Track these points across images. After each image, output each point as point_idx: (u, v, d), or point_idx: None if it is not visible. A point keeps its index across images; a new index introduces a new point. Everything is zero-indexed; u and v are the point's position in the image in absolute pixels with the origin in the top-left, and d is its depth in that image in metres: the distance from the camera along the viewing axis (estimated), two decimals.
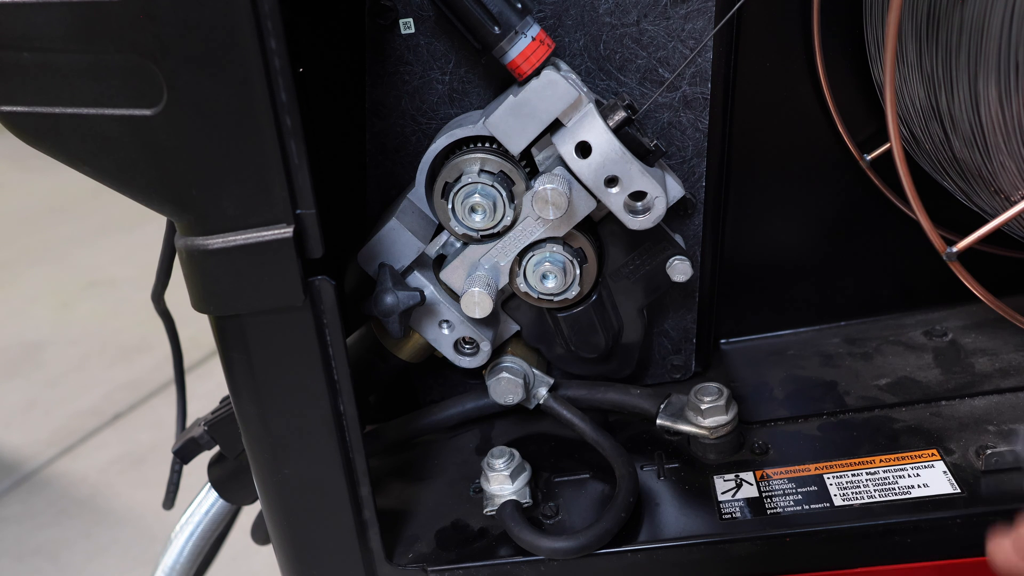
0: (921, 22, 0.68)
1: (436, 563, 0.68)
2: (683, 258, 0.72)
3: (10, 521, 2.24)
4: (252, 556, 1.36)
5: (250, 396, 0.62)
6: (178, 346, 1.01)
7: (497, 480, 0.70)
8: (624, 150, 0.64)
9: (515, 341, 0.78)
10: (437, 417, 0.79)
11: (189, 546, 0.86)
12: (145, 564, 1.76)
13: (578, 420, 0.74)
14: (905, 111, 0.74)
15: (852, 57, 0.78)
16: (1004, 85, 0.61)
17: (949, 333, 0.84)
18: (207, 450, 0.81)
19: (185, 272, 0.59)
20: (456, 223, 0.69)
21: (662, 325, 0.80)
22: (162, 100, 0.52)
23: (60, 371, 2.82)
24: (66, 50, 0.53)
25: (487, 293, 0.68)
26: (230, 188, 0.55)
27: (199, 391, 1.22)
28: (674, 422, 0.74)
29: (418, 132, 0.73)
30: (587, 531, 0.65)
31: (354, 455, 0.64)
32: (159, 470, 1.28)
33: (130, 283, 3.16)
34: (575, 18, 0.69)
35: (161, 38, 0.51)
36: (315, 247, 0.57)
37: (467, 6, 0.62)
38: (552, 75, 0.63)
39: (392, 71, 0.71)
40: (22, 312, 3.19)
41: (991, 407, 0.74)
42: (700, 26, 0.69)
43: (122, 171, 0.56)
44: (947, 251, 0.66)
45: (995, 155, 0.65)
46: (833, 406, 0.78)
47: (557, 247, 0.70)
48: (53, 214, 3.84)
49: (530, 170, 0.68)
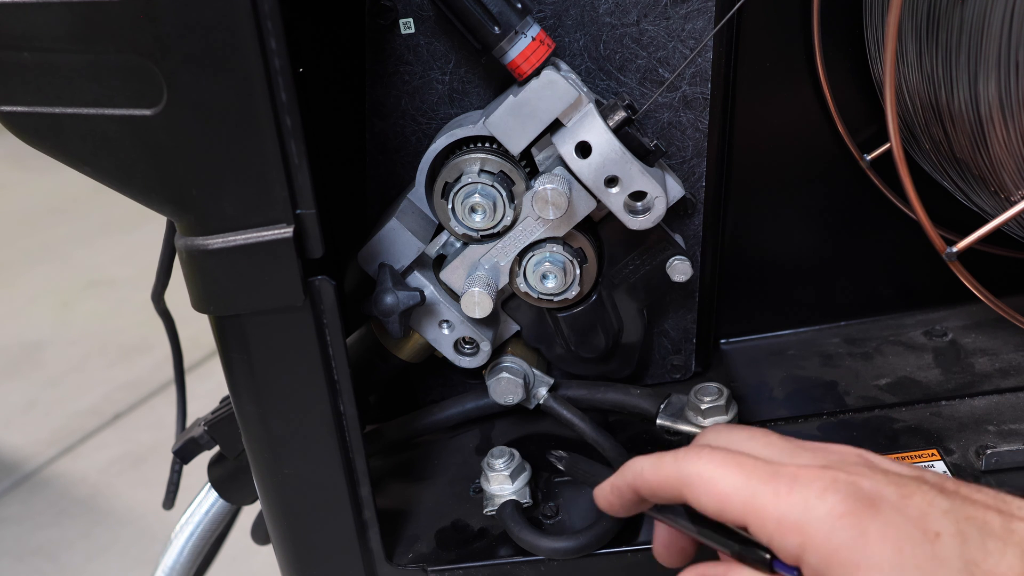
0: (921, 22, 0.68)
1: (436, 563, 0.68)
2: (683, 258, 0.72)
3: (10, 521, 2.24)
4: (252, 556, 1.36)
5: (250, 396, 0.62)
6: (178, 346, 1.01)
7: (497, 480, 0.70)
8: (624, 150, 0.64)
9: (515, 341, 0.78)
10: (437, 417, 0.79)
11: (189, 546, 0.86)
12: (145, 564, 1.76)
13: (578, 420, 0.74)
14: (905, 111, 0.74)
15: (852, 57, 0.78)
16: (1004, 85, 0.61)
17: (949, 333, 0.84)
18: (207, 450, 0.81)
19: (185, 272, 0.59)
20: (456, 223, 0.69)
21: (662, 325, 0.80)
22: (162, 100, 0.52)
23: (60, 371, 2.82)
24: (66, 50, 0.53)
25: (487, 293, 0.68)
26: (230, 188, 0.55)
27: (199, 391, 1.22)
28: (674, 422, 0.74)
29: (418, 132, 0.73)
30: (587, 531, 0.65)
31: (354, 455, 0.64)
32: (159, 470, 1.28)
33: (130, 283, 3.16)
34: (575, 18, 0.69)
35: (161, 38, 0.51)
36: (315, 247, 0.57)
37: (467, 6, 0.62)
38: (552, 75, 0.63)
39: (392, 71, 0.71)
40: (22, 312, 3.19)
41: (991, 407, 0.74)
42: (700, 26, 0.69)
43: (122, 171, 0.56)
44: (947, 251, 0.66)
45: (995, 155, 0.65)
46: (833, 406, 0.78)
47: (557, 247, 0.70)
48: (53, 214, 3.84)
49: (530, 170, 0.68)
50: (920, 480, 0.48)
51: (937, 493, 0.47)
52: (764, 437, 0.53)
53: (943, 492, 0.47)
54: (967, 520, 0.45)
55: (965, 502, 0.46)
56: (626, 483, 0.56)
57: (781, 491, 0.47)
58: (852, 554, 0.45)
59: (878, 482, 0.47)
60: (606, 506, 0.58)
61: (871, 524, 0.45)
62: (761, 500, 0.48)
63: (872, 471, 0.48)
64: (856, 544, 0.45)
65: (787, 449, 0.52)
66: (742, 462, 0.50)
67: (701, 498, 0.50)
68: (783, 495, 0.47)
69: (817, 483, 0.47)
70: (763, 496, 0.48)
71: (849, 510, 0.46)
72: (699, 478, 0.50)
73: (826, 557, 0.46)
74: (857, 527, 0.45)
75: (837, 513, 0.46)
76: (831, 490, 0.47)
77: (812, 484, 0.47)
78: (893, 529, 0.45)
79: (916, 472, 0.49)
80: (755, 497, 0.48)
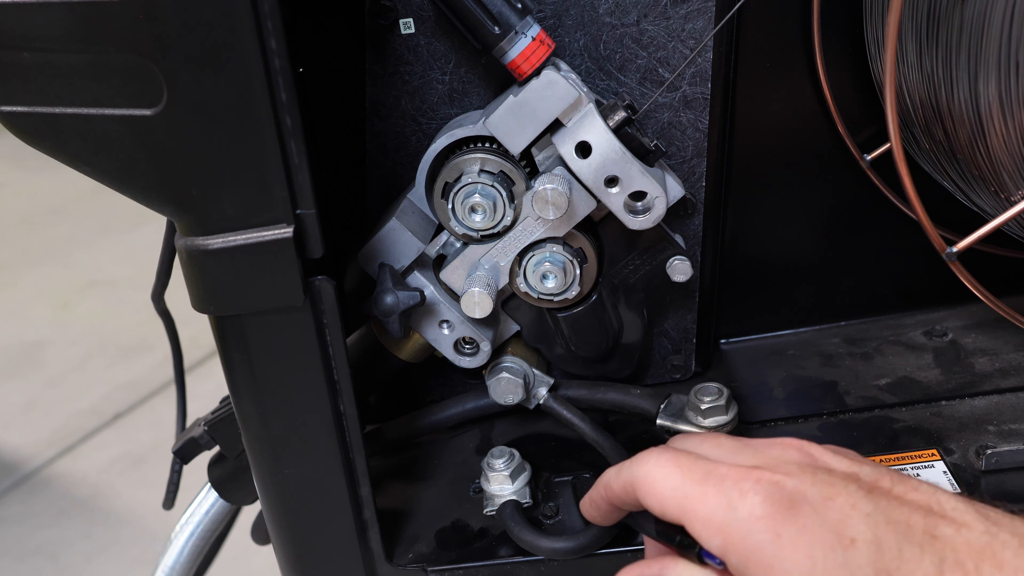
0: (921, 22, 0.68)
1: (436, 563, 0.68)
2: (683, 258, 0.72)
3: (10, 521, 2.24)
4: (252, 556, 1.36)
5: (250, 396, 0.62)
6: (178, 346, 1.01)
7: (497, 480, 0.70)
8: (624, 150, 0.64)
9: (515, 341, 0.78)
10: (437, 417, 0.79)
11: (189, 546, 0.86)
12: (145, 564, 1.76)
13: (578, 420, 0.74)
14: (905, 111, 0.74)
15: (852, 57, 0.78)
16: (1004, 85, 0.61)
17: (949, 333, 0.84)
18: (207, 450, 0.81)
19: (185, 272, 0.59)
20: (456, 223, 0.69)
21: (662, 325, 0.80)
22: (162, 100, 0.52)
23: (60, 371, 2.82)
24: (66, 50, 0.53)
25: (487, 293, 0.68)
26: (230, 188, 0.55)
27: (199, 391, 1.22)
28: (674, 422, 0.74)
29: (418, 132, 0.73)
30: (587, 531, 0.65)
31: (354, 455, 0.64)
32: (159, 470, 1.28)
33: (130, 283, 3.16)
34: (575, 18, 0.69)
35: (161, 38, 0.51)
36: (315, 247, 0.57)
37: (467, 6, 0.62)
38: (552, 75, 0.63)
39: (392, 71, 0.71)
40: (22, 312, 3.19)
41: (991, 407, 0.74)
42: (700, 26, 0.69)
43: (122, 171, 0.56)
44: (947, 251, 0.66)
45: (995, 155, 0.65)
46: (833, 406, 0.78)
47: (557, 247, 0.70)
48: (53, 214, 3.84)
49: (530, 170, 0.68)
50: (850, 479, 0.48)
51: (864, 495, 0.46)
52: (715, 439, 0.55)
53: (871, 493, 0.47)
54: (888, 525, 0.45)
55: (892, 503, 0.46)
56: (598, 494, 0.57)
57: (709, 492, 0.48)
58: (766, 557, 0.46)
59: (803, 482, 0.47)
60: (589, 518, 0.61)
61: (786, 528, 0.46)
62: (692, 501, 0.49)
63: (801, 470, 0.49)
64: (770, 548, 0.46)
65: (732, 448, 0.53)
66: (681, 462, 0.50)
67: (646, 499, 0.51)
68: (711, 496, 0.48)
69: (743, 483, 0.48)
70: (694, 496, 0.49)
71: (767, 513, 0.46)
72: (644, 479, 0.51)
73: (744, 557, 0.46)
74: (772, 530, 0.46)
75: (756, 515, 0.46)
76: (753, 491, 0.47)
77: (738, 484, 0.48)
78: (807, 534, 0.45)
79: (853, 468, 0.49)
80: (687, 498, 0.49)
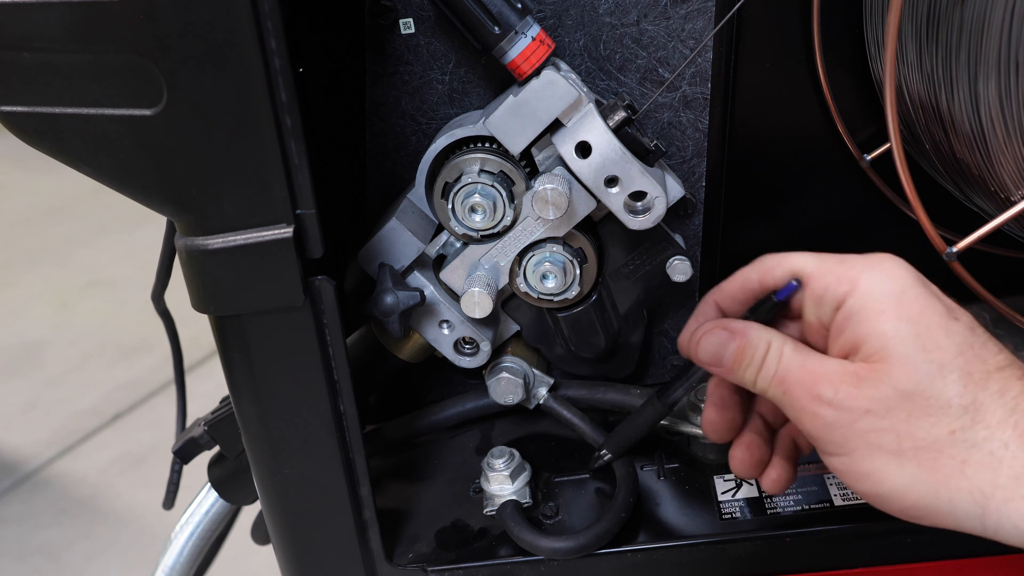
0: (921, 22, 0.68)
1: (436, 563, 0.68)
2: (683, 258, 0.72)
3: (10, 521, 2.24)
4: (252, 556, 1.36)
5: (250, 396, 0.62)
6: (178, 346, 1.01)
7: (497, 480, 0.70)
8: (624, 150, 0.64)
9: (515, 341, 0.78)
10: (437, 417, 0.79)
11: (189, 546, 0.86)
12: (145, 564, 1.76)
13: (578, 420, 0.74)
14: (905, 111, 0.74)
15: (852, 57, 0.77)
16: (1004, 85, 0.61)
17: None
18: (207, 450, 0.81)
19: (185, 272, 0.59)
20: (456, 223, 0.69)
21: (662, 325, 0.80)
22: (162, 100, 0.52)
23: (60, 371, 2.82)
24: (66, 50, 0.53)
25: (487, 293, 0.68)
26: (230, 188, 0.55)
27: (199, 391, 1.22)
28: (674, 422, 0.74)
29: (418, 132, 0.73)
30: (587, 531, 0.65)
31: (354, 455, 0.64)
32: (159, 470, 1.28)
33: (130, 283, 3.16)
34: (575, 18, 0.69)
35: (161, 38, 0.51)
36: (315, 247, 0.57)
37: (467, 6, 0.62)
38: (552, 75, 0.63)
39: (392, 71, 0.71)
40: (22, 312, 3.19)
41: None
42: (700, 26, 0.69)
43: (122, 171, 0.56)
44: (947, 251, 0.66)
45: (995, 155, 0.65)
46: None
47: (557, 247, 0.70)
48: (53, 214, 3.84)
49: (530, 170, 0.68)
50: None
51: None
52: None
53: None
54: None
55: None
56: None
57: (851, 261, 0.54)
58: (874, 283, 0.52)
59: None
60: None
61: (912, 280, 0.52)
62: (829, 261, 0.55)
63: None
64: (887, 283, 0.52)
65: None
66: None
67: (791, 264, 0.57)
68: (849, 261, 0.54)
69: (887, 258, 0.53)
70: (831, 259, 0.55)
71: (900, 265, 0.53)
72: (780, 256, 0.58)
73: (851, 284, 0.52)
74: (900, 277, 0.52)
75: (887, 266, 0.52)
76: (892, 259, 0.53)
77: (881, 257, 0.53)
78: (928, 289, 0.52)
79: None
80: (824, 259, 0.55)
